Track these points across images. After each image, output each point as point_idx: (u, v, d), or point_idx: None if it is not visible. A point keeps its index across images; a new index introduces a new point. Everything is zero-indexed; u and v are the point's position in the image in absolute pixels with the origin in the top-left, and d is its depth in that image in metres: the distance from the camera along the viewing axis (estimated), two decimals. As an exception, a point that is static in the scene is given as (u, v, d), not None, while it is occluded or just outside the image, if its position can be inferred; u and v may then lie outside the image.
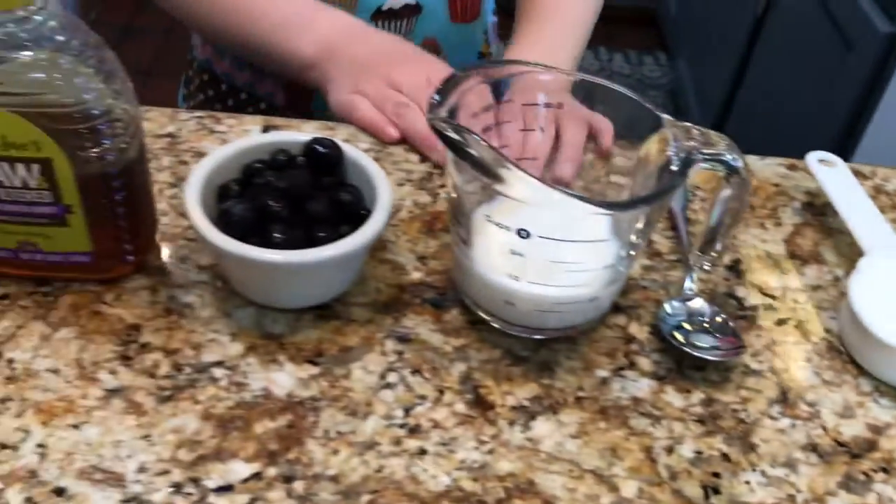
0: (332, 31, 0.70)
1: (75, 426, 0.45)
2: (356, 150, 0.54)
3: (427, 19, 0.83)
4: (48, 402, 0.46)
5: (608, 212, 0.44)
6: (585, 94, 0.53)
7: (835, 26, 1.68)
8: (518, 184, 0.44)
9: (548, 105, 0.54)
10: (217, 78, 0.87)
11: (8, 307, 0.51)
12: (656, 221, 0.51)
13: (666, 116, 0.50)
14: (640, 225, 0.47)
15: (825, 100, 1.68)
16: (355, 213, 0.51)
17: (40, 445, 0.45)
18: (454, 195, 0.50)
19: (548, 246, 0.45)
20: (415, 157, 0.66)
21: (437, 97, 0.47)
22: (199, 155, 0.63)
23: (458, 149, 0.45)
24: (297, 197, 0.51)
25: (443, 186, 0.63)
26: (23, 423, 0.45)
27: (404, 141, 0.66)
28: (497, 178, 0.45)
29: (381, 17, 0.81)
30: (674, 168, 0.47)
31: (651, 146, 0.50)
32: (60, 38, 0.45)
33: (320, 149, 0.53)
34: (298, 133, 0.56)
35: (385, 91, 0.67)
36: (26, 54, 0.44)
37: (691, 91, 2.52)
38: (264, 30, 0.70)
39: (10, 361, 0.48)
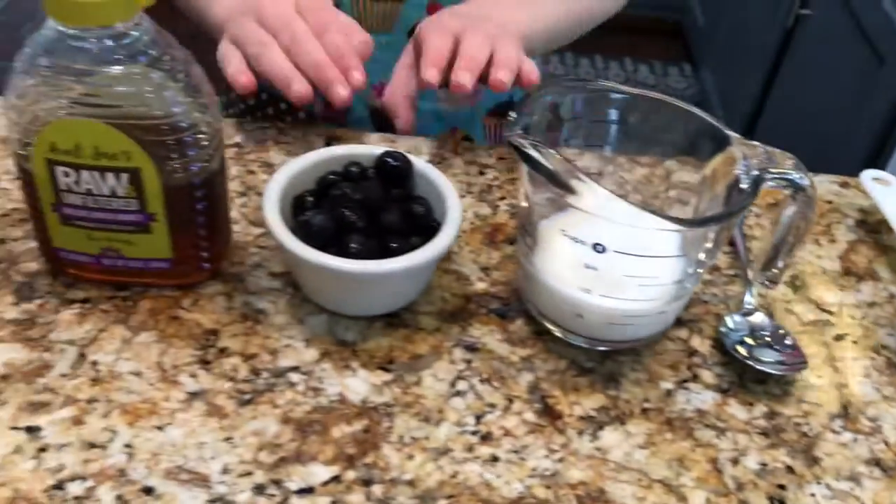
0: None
1: (160, 427, 0.47)
2: (425, 164, 0.56)
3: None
4: (133, 404, 0.48)
5: (683, 228, 0.45)
6: (651, 109, 0.54)
7: (867, 41, 1.68)
8: (593, 196, 0.45)
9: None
10: (261, 86, 0.88)
11: (89, 311, 0.53)
12: (725, 238, 0.52)
13: (734, 135, 0.51)
14: (709, 242, 0.48)
15: (856, 114, 1.68)
16: (426, 225, 0.53)
17: (127, 445, 0.46)
18: (525, 205, 0.51)
19: (623, 260, 0.46)
20: (474, 170, 0.67)
21: (513, 114, 0.48)
22: (266, 165, 0.65)
23: (535, 163, 0.46)
24: (371, 208, 0.52)
25: (503, 198, 0.64)
26: (109, 423, 0.47)
27: (460, 153, 0.68)
28: (571, 191, 0.46)
29: None
30: (743, 186, 0.48)
31: (717, 164, 0.52)
32: (153, 52, 0.47)
33: (392, 162, 0.55)
34: (370, 146, 0.57)
35: (248, 31, 0.64)
36: (120, 68, 0.46)
37: (717, 103, 2.52)
38: None
39: (95, 363, 0.50)
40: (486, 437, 0.48)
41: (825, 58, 1.89)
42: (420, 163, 0.56)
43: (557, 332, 0.53)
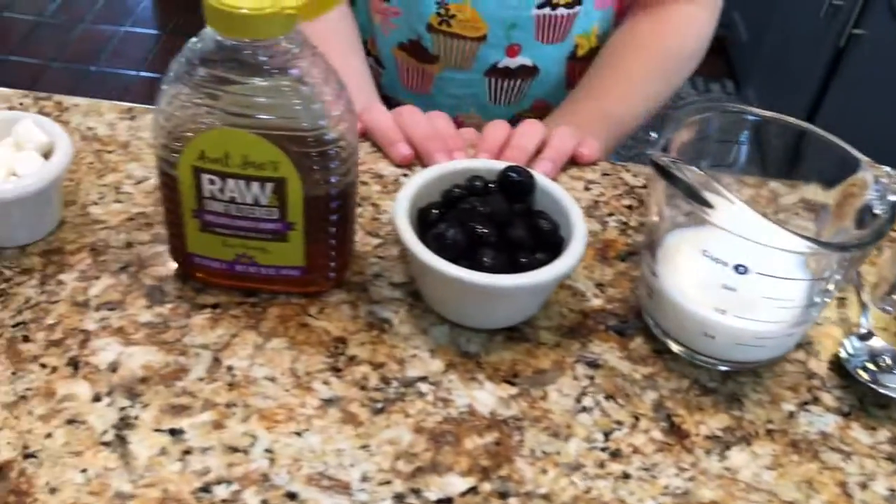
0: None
1: (298, 433, 0.48)
2: (547, 180, 0.57)
3: (542, 83, 0.85)
4: (270, 410, 0.49)
5: (836, 252, 0.46)
6: (782, 132, 0.54)
7: (925, 62, 1.67)
8: (734, 215, 0.46)
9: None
10: None
11: (220, 316, 0.54)
12: (860, 264, 0.52)
13: (864, 159, 0.51)
14: (843, 266, 0.49)
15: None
16: (553, 241, 0.53)
17: (268, 451, 0.47)
18: (656, 220, 0.52)
19: (764, 282, 0.47)
20: (580, 185, 0.67)
21: (653, 133, 0.49)
22: (377, 176, 0.66)
23: (674, 179, 0.47)
24: (499, 223, 0.53)
25: (611, 214, 0.65)
26: (249, 428, 0.48)
27: (567, 170, 0.68)
28: (711, 206, 0.47)
29: (495, 75, 0.84)
30: (878, 212, 0.48)
31: (845, 189, 0.52)
32: (303, 65, 0.48)
33: (515, 176, 0.56)
34: (491, 161, 0.58)
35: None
36: (273, 81, 0.47)
37: (762, 120, 2.52)
38: None
39: (230, 368, 0.51)
40: (615, 454, 0.49)
41: (878, 78, 1.88)
42: (542, 178, 0.56)
43: (680, 352, 0.54)
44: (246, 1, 0.44)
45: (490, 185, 0.56)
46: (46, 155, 0.56)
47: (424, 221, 0.54)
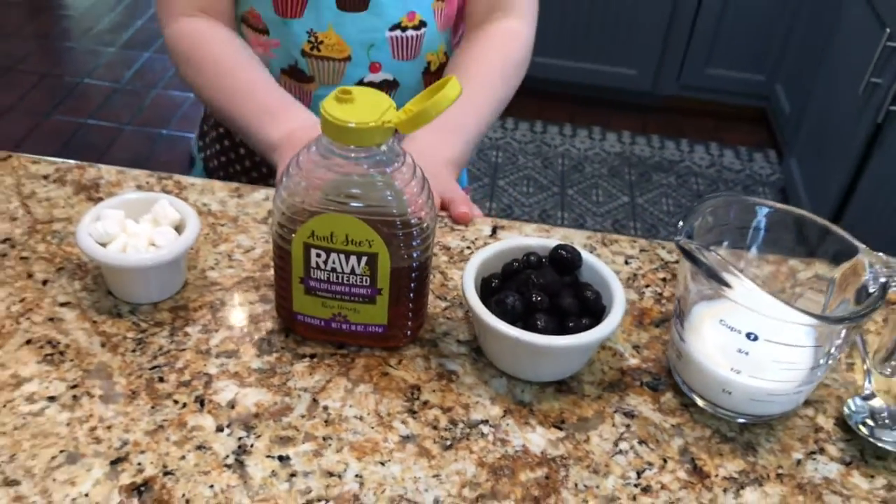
0: (294, 124, 0.85)
1: (382, 463, 0.58)
2: (592, 256, 0.67)
3: (403, 94, 0.99)
4: (359, 443, 0.59)
5: (826, 324, 0.55)
6: (789, 220, 0.64)
7: (959, 141, 1.75)
8: (747, 292, 0.56)
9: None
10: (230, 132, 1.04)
11: (317, 364, 0.65)
12: (855, 333, 0.61)
13: (862, 245, 0.61)
14: (843, 335, 0.58)
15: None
16: (596, 309, 0.64)
17: (358, 476, 0.57)
18: (683, 294, 0.62)
19: (772, 348, 0.56)
20: (620, 259, 0.78)
21: (681, 223, 0.59)
22: (445, 248, 0.77)
23: (698, 262, 0.57)
24: (551, 292, 0.63)
25: (647, 286, 0.75)
26: (342, 457, 0.58)
27: (610, 246, 0.79)
28: (726, 285, 0.56)
29: None
30: (872, 290, 0.58)
31: (846, 269, 0.61)
32: (395, 164, 0.59)
33: (565, 254, 0.66)
34: (544, 238, 0.69)
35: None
36: (371, 177, 0.58)
37: (803, 191, 2.59)
38: (245, 114, 0.88)
39: (326, 408, 0.61)
40: (646, 490, 0.58)
41: (916, 154, 1.95)
42: (587, 255, 0.67)
43: (704, 405, 0.63)
44: (354, 115, 0.56)
45: (543, 259, 0.67)
46: (178, 229, 0.68)
47: (487, 289, 0.65)
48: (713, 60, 2.96)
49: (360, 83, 0.97)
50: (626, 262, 0.78)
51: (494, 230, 0.80)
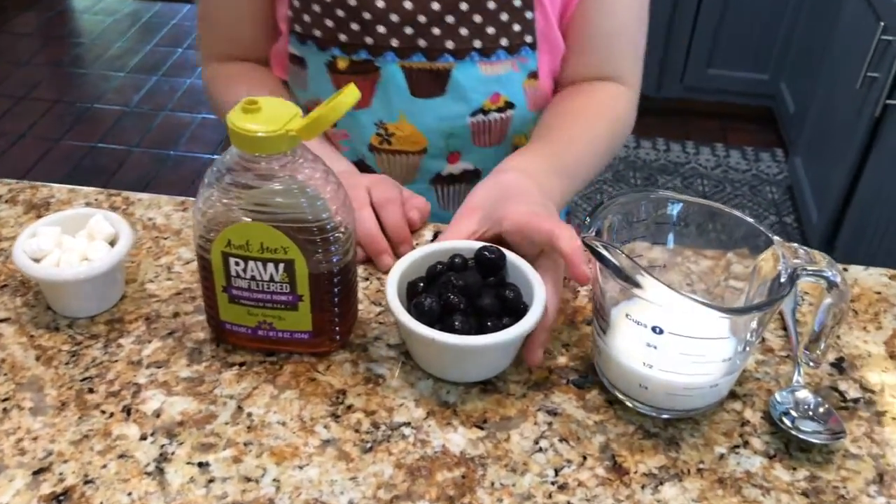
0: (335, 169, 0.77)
1: (300, 467, 0.59)
2: (516, 256, 0.67)
3: None
4: (279, 448, 0.60)
5: (729, 315, 0.55)
6: (705, 214, 0.64)
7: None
8: (652, 289, 0.56)
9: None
10: None
11: (245, 372, 0.66)
12: (768, 322, 0.61)
13: (776, 238, 0.61)
14: (754, 325, 0.58)
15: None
16: (516, 308, 0.64)
17: (275, 480, 0.58)
18: (598, 296, 0.62)
19: (678, 341, 0.57)
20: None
21: (587, 219, 0.60)
22: (383, 254, 0.78)
23: (605, 260, 0.57)
24: (471, 293, 0.64)
25: (582, 285, 0.75)
26: (261, 462, 0.59)
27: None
28: (635, 284, 0.57)
29: (440, 183, 0.90)
30: (783, 280, 0.58)
31: (765, 260, 0.61)
32: (307, 171, 0.60)
33: (488, 255, 0.67)
34: (471, 241, 0.69)
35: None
36: (284, 184, 0.60)
37: (808, 188, 2.56)
38: None
39: (250, 415, 0.62)
40: (562, 487, 0.58)
41: (913, 147, 1.93)
42: (512, 255, 0.67)
43: (626, 401, 0.63)
44: (260, 125, 0.58)
45: (469, 261, 0.68)
46: (113, 243, 0.70)
47: (412, 293, 0.66)
48: (715, 61, 2.94)
49: (438, 177, 0.91)
50: (565, 263, 0.78)
51: (435, 236, 0.81)
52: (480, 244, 0.68)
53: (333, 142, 0.91)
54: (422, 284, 0.66)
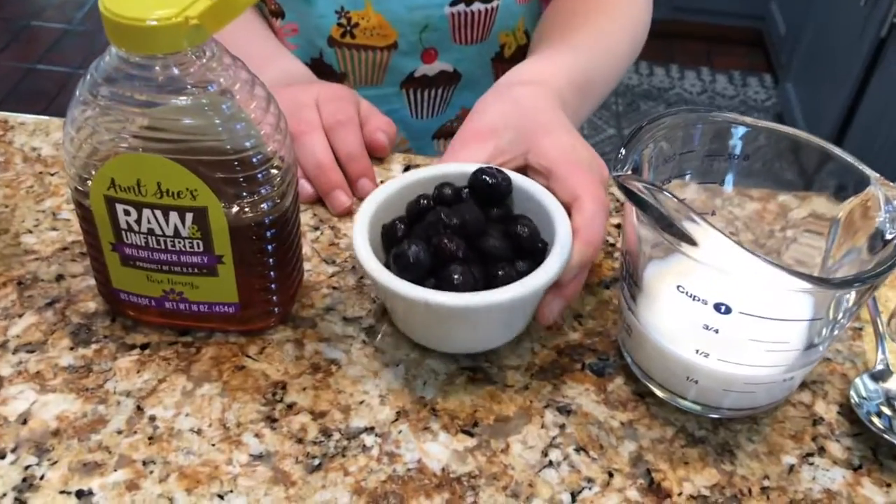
0: (275, 76, 0.62)
1: (220, 496, 0.42)
2: (526, 180, 0.50)
3: (467, 89, 0.77)
4: (192, 467, 0.43)
5: (829, 289, 0.39)
6: (775, 143, 0.48)
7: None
8: (714, 247, 0.39)
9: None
10: None
11: (149, 358, 0.49)
12: (869, 296, 0.45)
13: (875, 174, 0.44)
14: (850, 301, 0.42)
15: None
16: (532, 248, 0.47)
17: (185, 515, 0.42)
18: (631, 250, 0.45)
19: (750, 323, 0.40)
20: (564, 203, 0.61)
21: (622, 151, 0.43)
22: (338, 195, 0.60)
23: (648, 207, 0.41)
24: (470, 234, 0.47)
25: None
26: (166, 488, 0.42)
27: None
28: (690, 241, 0.40)
29: (413, 85, 0.76)
30: (889, 236, 0.41)
31: (854, 207, 0.45)
32: (222, 81, 0.42)
33: (488, 180, 0.49)
34: (462, 164, 0.52)
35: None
36: (187, 99, 0.41)
37: (800, 116, 2.41)
38: None
39: (153, 419, 0.45)
40: (583, 518, 0.43)
41: (923, 70, 1.78)
42: (520, 178, 0.50)
43: (663, 395, 0.47)
44: (147, 12, 0.39)
45: (462, 191, 0.50)
46: (-32, 181, 0.51)
47: (391, 239, 0.49)
48: (704, -22, 2.75)
49: (410, 78, 0.75)
50: (572, 206, 0.61)
51: (406, 169, 0.63)
52: (475, 166, 0.51)
53: (280, 38, 0.74)
54: (402, 227, 0.49)
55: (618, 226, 0.59)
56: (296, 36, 0.73)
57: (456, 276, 0.45)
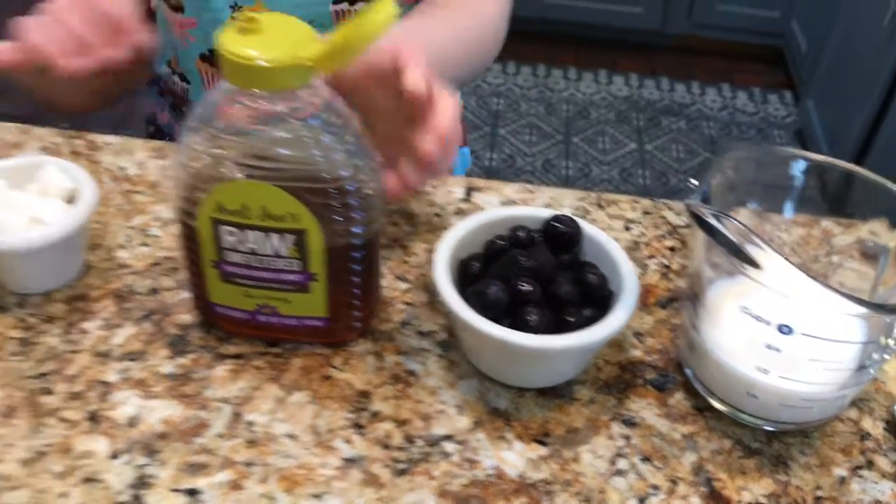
0: None
1: (317, 496, 0.46)
2: (594, 228, 0.54)
3: None
4: (289, 470, 0.47)
5: (883, 314, 0.42)
6: (834, 176, 0.51)
7: None
8: (778, 272, 0.43)
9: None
10: (160, 129, 0.91)
11: (242, 367, 0.52)
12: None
13: (924, 208, 0.48)
14: (902, 326, 0.45)
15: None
16: (600, 296, 0.51)
17: (285, 514, 0.45)
18: (697, 272, 0.49)
19: (809, 344, 0.44)
20: (619, 224, 0.65)
21: (693, 182, 0.46)
22: (406, 216, 0.64)
23: (717, 234, 0.44)
24: (543, 278, 0.50)
25: (651, 257, 0.62)
26: (267, 489, 0.46)
27: (606, 208, 0.66)
28: (754, 264, 0.43)
29: None
30: (940, 266, 0.45)
31: (904, 237, 0.48)
32: (323, 115, 0.46)
33: (560, 227, 0.53)
34: (535, 208, 0.56)
35: None
36: (292, 131, 0.45)
37: (821, 133, 2.44)
38: None
39: (250, 424, 0.49)
40: (651, 522, 0.46)
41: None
42: (588, 227, 0.54)
43: (724, 409, 0.51)
44: (262, 51, 0.43)
45: (534, 234, 0.54)
46: (71, 200, 0.55)
47: (465, 274, 0.52)
48: (725, -4, 2.78)
49: None
50: (627, 228, 0.65)
51: (469, 193, 0.67)
52: (549, 212, 0.54)
53: (180, 31, 0.79)
54: (477, 264, 0.52)
55: (672, 248, 0.63)
56: (194, 29, 0.78)
57: (532, 319, 0.48)
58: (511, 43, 0.80)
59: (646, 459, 0.49)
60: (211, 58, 0.79)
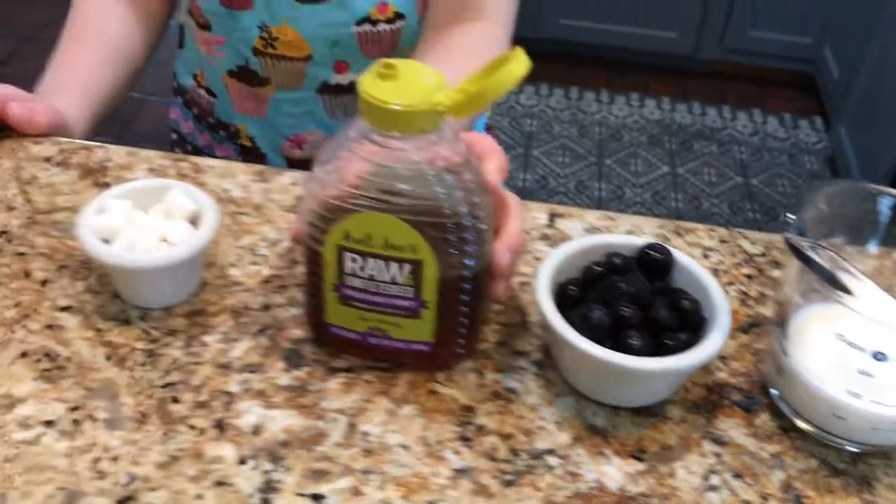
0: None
1: (432, 503, 0.49)
2: (685, 256, 0.57)
3: None
4: (405, 478, 0.51)
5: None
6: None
7: None
8: (869, 298, 0.46)
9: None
10: (183, 138, 0.96)
11: (353, 381, 0.56)
12: None
13: None
14: None
15: None
16: (694, 321, 0.54)
17: (404, 519, 0.49)
18: (789, 300, 0.52)
19: (904, 371, 0.47)
20: (697, 252, 0.68)
21: (791, 216, 0.50)
22: (497, 241, 0.67)
23: (812, 264, 0.47)
24: (641, 303, 0.54)
25: (730, 283, 0.65)
26: (385, 495, 0.50)
27: (684, 236, 0.69)
28: (847, 291, 0.47)
29: (327, 92, 0.85)
30: None
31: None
32: (447, 156, 0.50)
33: (655, 255, 0.57)
34: (629, 237, 0.59)
35: None
36: (418, 170, 0.49)
37: (853, 159, 2.46)
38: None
39: (365, 434, 0.53)
40: (745, 536, 0.49)
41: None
42: (679, 255, 0.57)
43: (810, 430, 0.54)
44: (399, 96, 0.47)
45: (628, 261, 0.57)
46: (193, 221, 0.59)
47: (563, 298, 0.55)
48: (758, 22, 2.81)
49: (325, 86, 0.85)
50: (705, 256, 0.68)
51: (552, 219, 0.70)
52: (642, 241, 0.58)
53: (207, 48, 0.85)
54: (574, 289, 0.56)
55: (749, 276, 0.66)
56: (222, 46, 0.84)
57: (634, 342, 0.52)
58: (544, 65, 0.84)
59: (737, 476, 0.52)
60: (239, 74, 0.85)
